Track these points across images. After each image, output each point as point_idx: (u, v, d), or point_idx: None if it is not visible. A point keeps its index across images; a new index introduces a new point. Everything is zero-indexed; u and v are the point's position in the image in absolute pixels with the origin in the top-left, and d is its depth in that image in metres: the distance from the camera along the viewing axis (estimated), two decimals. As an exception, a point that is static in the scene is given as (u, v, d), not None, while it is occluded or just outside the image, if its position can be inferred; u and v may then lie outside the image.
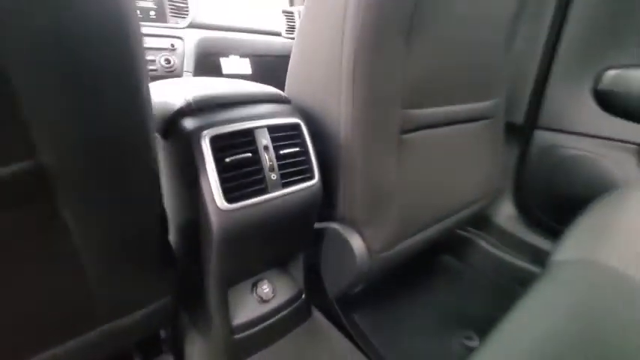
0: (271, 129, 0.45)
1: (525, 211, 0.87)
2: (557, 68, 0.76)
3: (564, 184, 0.78)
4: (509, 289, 0.81)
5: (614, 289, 0.35)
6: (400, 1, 0.42)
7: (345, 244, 0.53)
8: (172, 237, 0.48)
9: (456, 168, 0.66)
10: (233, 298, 0.54)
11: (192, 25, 1.04)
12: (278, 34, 1.27)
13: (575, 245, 0.44)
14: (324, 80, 0.50)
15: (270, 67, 1.23)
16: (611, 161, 0.72)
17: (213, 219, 0.40)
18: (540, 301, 0.34)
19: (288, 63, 0.57)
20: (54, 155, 0.26)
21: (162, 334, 0.59)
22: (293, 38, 0.79)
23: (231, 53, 1.14)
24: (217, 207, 0.40)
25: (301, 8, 0.74)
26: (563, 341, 0.28)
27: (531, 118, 0.82)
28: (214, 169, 0.40)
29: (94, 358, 0.41)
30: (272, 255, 0.56)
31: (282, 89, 0.57)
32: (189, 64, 1.01)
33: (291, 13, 1.28)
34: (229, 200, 0.40)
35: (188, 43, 1.01)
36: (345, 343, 0.63)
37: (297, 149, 0.47)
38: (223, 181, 0.40)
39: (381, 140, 0.50)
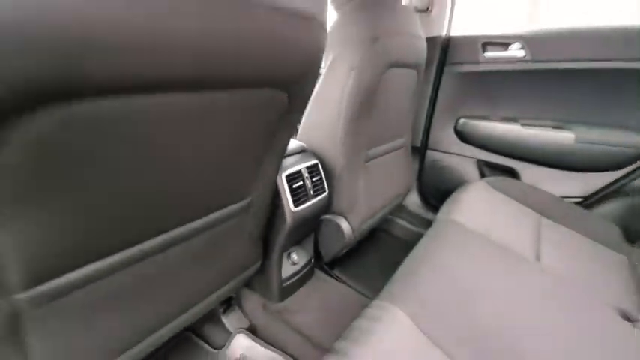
0: (306, 168, 0.85)
1: (424, 199, 1.43)
2: (436, 116, 1.33)
3: (442, 182, 1.35)
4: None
5: (458, 232, 0.86)
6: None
7: (338, 227, 0.96)
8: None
9: (390, 178, 1.15)
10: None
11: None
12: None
13: (444, 213, 0.95)
14: (327, 132, 0.89)
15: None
16: (463, 169, 1.31)
17: (288, 215, 0.78)
18: (424, 242, 0.82)
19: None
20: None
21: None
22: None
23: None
24: (291, 209, 0.78)
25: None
26: (423, 259, 0.76)
27: (424, 144, 1.38)
28: (287, 190, 0.78)
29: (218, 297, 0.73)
30: (301, 235, 0.95)
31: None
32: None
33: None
34: (295, 205, 0.79)
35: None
36: (333, 284, 1.06)
37: (318, 177, 0.88)
38: (292, 196, 0.78)
39: (356, 168, 0.94)
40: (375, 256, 1.27)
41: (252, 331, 0.87)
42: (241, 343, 0.84)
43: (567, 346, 0.52)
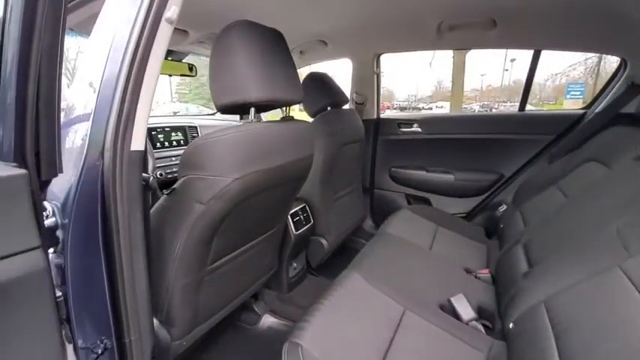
0: (300, 209, 1.43)
1: (375, 222, 2.07)
2: (377, 167, 2.01)
3: (385, 210, 2.00)
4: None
5: (390, 238, 1.47)
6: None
7: (320, 243, 1.54)
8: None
9: (351, 209, 1.77)
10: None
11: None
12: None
13: (382, 228, 1.56)
14: (310, 185, 1.49)
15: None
16: (397, 200, 1.98)
17: (292, 236, 1.35)
18: (371, 242, 1.43)
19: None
20: None
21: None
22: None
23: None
24: (294, 232, 1.35)
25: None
26: (378, 257, 1.37)
27: (372, 185, 2.04)
28: (291, 221, 1.35)
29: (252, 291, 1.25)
30: (298, 251, 1.51)
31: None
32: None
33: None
34: (296, 230, 1.37)
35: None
36: (318, 280, 1.61)
37: (306, 214, 1.47)
38: (294, 225, 1.36)
39: (329, 205, 1.55)
40: (344, 262, 1.84)
41: (273, 313, 1.39)
42: (267, 320, 1.36)
43: (441, 282, 1.12)
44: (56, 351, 0.52)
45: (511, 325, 0.82)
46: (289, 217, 1.36)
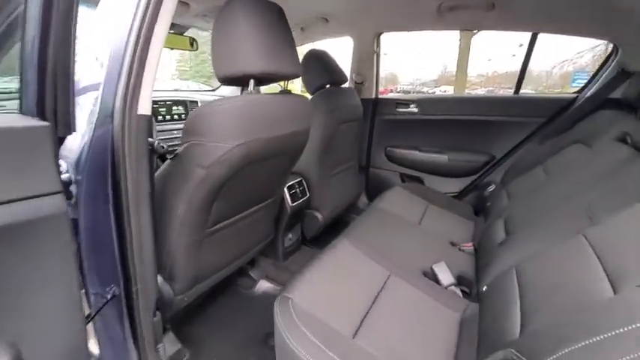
0: (296, 182, 1.50)
1: (370, 199, 2.14)
2: (373, 146, 2.06)
3: (379, 187, 2.06)
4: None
5: (381, 212, 1.54)
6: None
7: (314, 217, 1.61)
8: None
9: (345, 186, 1.83)
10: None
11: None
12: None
13: (376, 204, 1.63)
14: (307, 160, 1.54)
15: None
16: (392, 178, 2.04)
17: (288, 208, 1.42)
18: (362, 214, 1.50)
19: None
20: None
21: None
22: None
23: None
24: (290, 204, 1.42)
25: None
26: (370, 229, 1.44)
27: (367, 164, 2.09)
28: (287, 194, 1.42)
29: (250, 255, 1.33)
30: (293, 223, 1.58)
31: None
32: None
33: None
34: (292, 202, 1.43)
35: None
36: (311, 251, 1.70)
37: (302, 187, 1.53)
38: (290, 197, 1.43)
39: (325, 181, 1.61)
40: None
41: (268, 278, 1.48)
42: (263, 285, 1.45)
43: (426, 252, 1.20)
44: (75, 285, 0.59)
45: (484, 288, 0.90)
46: (286, 189, 1.42)
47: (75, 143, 0.69)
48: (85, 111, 0.71)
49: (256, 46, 0.81)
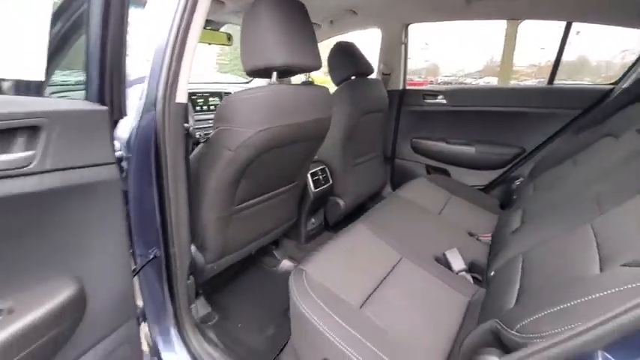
0: (319, 169, 1.57)
1: (394, 188, 2.16)
2: (399, 137, 2.07)
3: (404, 178, 2.08)
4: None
5: (401, 200, 1.58)
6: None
7: (337, 203, 1.68)
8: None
9: (369, 176, 1.88)
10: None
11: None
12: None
13: (398, 192, 1.67)
14: (331, 149, 1.61)
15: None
16: (417, 170, 2.05)
17: (311, 193, 1.51)
18: (379, 205, 1.55)
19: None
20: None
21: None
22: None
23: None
24: (312, 190, 1.51)
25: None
26: (389, 217, 1.49)
27: (393, 154, 2.12)
28: (311, 180, 1.50)
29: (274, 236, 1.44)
30: (316, 208, 1.67)
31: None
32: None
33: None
34: (315, 188, 1.52)
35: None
36: (333, 236, 1.78)
37: (325, 175, 1.61)
38: (313, 183, 1.51)
39: (348, 169, 1.67)
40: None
41: (291, 258, 1.59)
42: (286, 264, 1.56)
43: (441, 240, 1.23)
44: (125, 242, 0.72)
45: (492, 273, 0.92)
46: (309, 176, 1.50)
47: (126, 126, 0.83)
48: (134, 100, 0.84)
49: (278, 41, 0.89)
